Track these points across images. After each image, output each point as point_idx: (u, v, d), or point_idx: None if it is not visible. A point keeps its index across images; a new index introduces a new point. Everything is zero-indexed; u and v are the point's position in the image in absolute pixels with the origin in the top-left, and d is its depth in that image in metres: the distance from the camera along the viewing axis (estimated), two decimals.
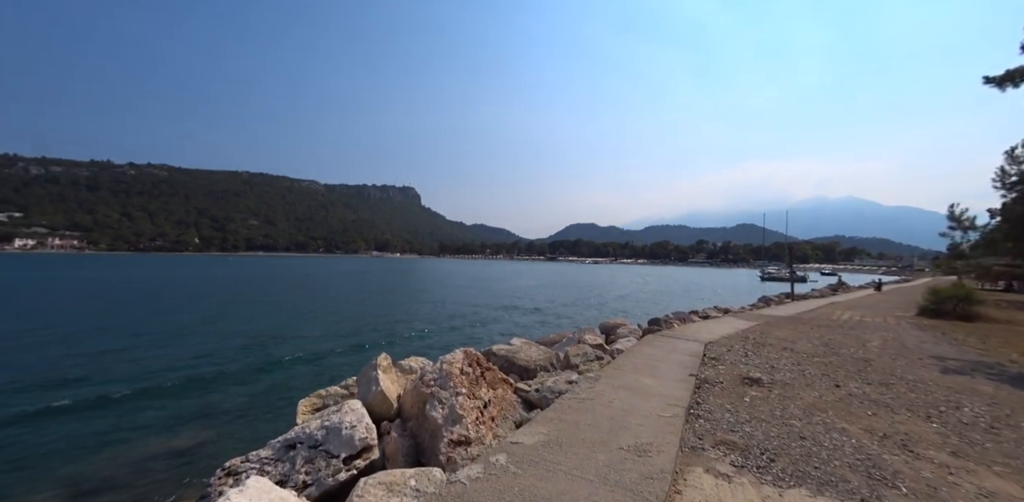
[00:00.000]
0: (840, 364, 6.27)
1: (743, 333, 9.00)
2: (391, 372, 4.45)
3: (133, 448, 5.48)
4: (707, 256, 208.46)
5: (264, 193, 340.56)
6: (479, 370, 4.18)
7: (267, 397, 7.56)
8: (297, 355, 10.47)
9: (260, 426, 6.21)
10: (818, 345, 7.95)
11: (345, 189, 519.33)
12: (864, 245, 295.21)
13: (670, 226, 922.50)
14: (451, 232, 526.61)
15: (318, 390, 4.70)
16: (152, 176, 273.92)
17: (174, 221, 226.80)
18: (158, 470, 4.92)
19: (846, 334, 9.45)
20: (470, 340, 12.93)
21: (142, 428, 6.16)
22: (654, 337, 7.94)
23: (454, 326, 15.43)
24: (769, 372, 5.58)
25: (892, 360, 6.73)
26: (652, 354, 6.37)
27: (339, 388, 4.72)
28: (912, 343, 8.53)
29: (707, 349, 7.06)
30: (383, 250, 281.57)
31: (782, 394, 4.55)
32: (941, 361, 6.78)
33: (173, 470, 4.93)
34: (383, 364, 4.30)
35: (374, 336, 13.35)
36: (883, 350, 7.66)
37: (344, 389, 4.70)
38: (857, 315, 13.86)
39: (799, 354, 7.00)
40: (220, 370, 9.13)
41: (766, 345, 7.72)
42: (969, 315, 13.36)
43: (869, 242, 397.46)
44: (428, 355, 10.45)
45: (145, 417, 6.61)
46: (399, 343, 12.48)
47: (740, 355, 6.71)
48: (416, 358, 5.58)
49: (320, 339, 12.67)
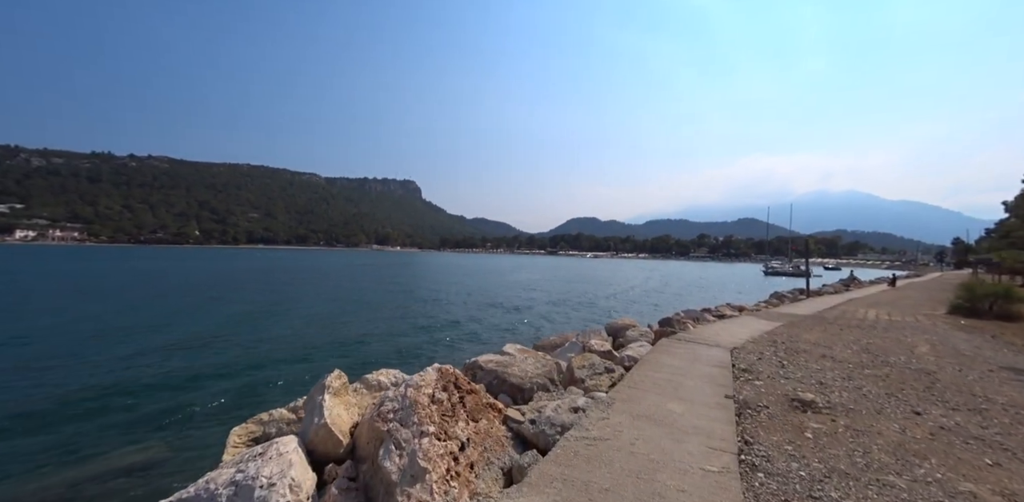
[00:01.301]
0: (900, 378, 5.23)
1: (769, 336, 7.97)
2: (346, 395, 3.43)
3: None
4: (708, 250, 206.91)
5: (265, 186, 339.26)
6: (457, 395, 3.15)
7: (210, 416, 6.41)
8: (268, 360, 9.34)
9: (180, 463, 4.95)
10: (859, 351, 6.92)
11: (346, 182, 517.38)
12: (866, 239, 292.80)
13: (671, 220, 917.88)
14: (452, 226, 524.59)
15: (260, 414, 3.69)
16: (153, 168, 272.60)
17: (175, 213, 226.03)
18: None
19: (884, 337, 8.41)
20: (461, 342, 11.74)
21: (26, 458, 5.02)
22: (670, 342, 6.91)
23: (447, 325, 14.24)
24: (819, 390, 4.55)
25: (959, 373, 5.69)
26: (672, 365, 5.34)
27: (286, 411, 3.70)
28: (966, 349, 7.49)
29: (734, 357, 6.03)
30: (384, 243, 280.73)
31: (851, 426, 3.52)
32: (1018, 375, 5.73)
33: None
34: (334, 385, 3.27)
35: (359, 336, 12.15)
36: (939, 358, 6.62)
37: (292, 412, 3.69)
38: (884, 313, 12.82)
39: (843, 363, 5.97)
40: (166, 377, 8.10)
41: (800, 352, 6.68)
42: (1010, 314, 12.30)
43: (871, 236, 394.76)
44: (410, 364, 8.99)
45: (39, 442, 5.48)
46: (384, 345, 11.27)
47: (775, 365, 5.68)
48: (388, 371, 4.56)
49: (300, 340, 11.50)
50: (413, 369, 8.15)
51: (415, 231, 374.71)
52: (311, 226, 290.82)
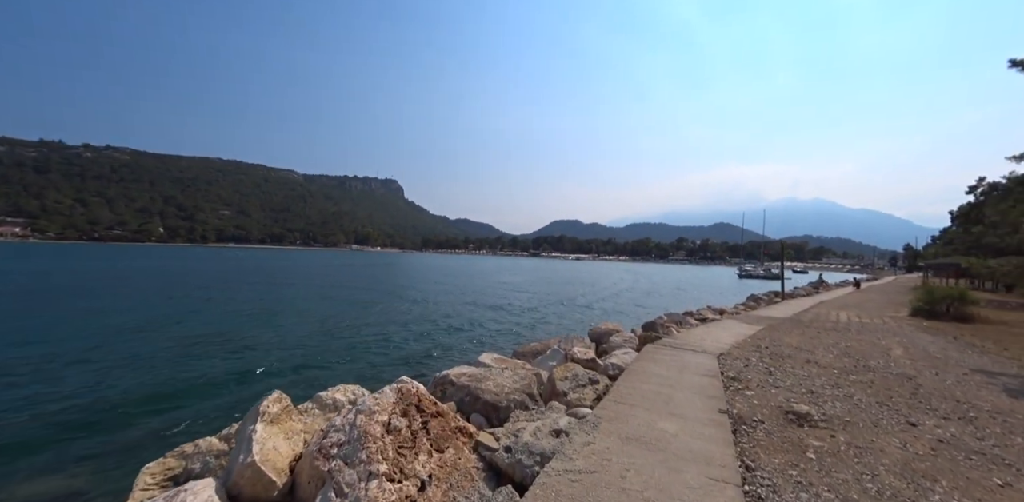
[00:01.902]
0: (885, 385, 5.08)
1: (752, 341, 7.82)
2: (288, 421, 2.92)
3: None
4: (686, 254, 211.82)
5: (238, 181, 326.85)
6: (420, 420, 2.71)
7: (132, 446, 5.18)
8: (219, 372, 8.23)
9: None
10: (840, 355, 6.83)
11: (325, 180, 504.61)
12: (830, 245, 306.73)
13: (651, 224, 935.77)
14: (434, 226, 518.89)
15: (184, 445, 3.13)
16: (112, 160, 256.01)
17: (136, 209, 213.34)
18: None
19: (859, 340, 8.43)
20: (436, 350, 10.84)
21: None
22: (655, 348, 6.63)
23: (423, 331, 13.27)
24: (812, 400, 4.31)
25: (937, 377, 5.61)
26: (659, 374, 5.03)
27: (216, 440, 3.16)
28: (935, 351, 7.54)
29: (722, 364, 5.79)
30: (364, 244, 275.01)
31: (852, 443, 3.26)
32: (991, 377, 5.71)
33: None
34: (271, 411, 2.76)
35: (324, 344, 10.99)
36: (914, 361, 6.58)
37: (224, 441, 3.15)
38: (854, 315, 13.07)
39: (828, 369, 5.82)
40: (91, 398, 6.69)
41: (784, 357, 6.52)
42: (964, 316, 12.77)
43: (834, 242, 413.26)
44: (376, 377, 8.12)
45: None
46: (351, 354, 10.16)
47: (762, 372, 5.46)
48: (346, 387, 4.06)
49: (257, 348, 10.34)
50: (378, 383, 7.38)
51: (396, 231, 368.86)
52: (287, 225, 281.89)
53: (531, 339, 11.46)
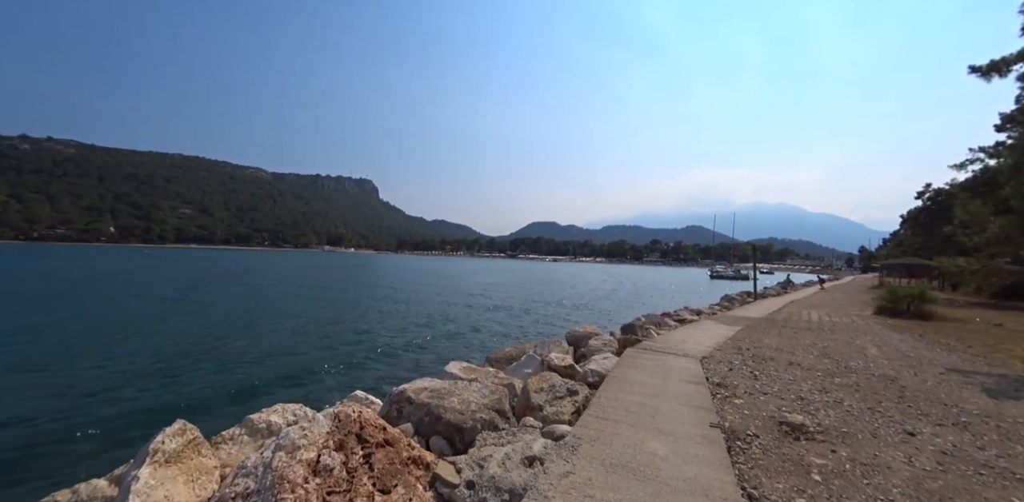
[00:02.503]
0: (871, 387, 4.91)
1: (732, 342, 7.63)
2: (194, 457, 2.32)
3: None
4: (660, 255, 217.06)
5: (200, 179, 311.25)
6: (361, 453, 2.18)
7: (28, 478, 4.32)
8: (141, 390, 7.02)
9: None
10: (820, 356, 6.71)
11: (295, 179, 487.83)
12: (793, 247, 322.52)
13: (626, 226, 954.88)
14: (410, 227, 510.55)
15: (55, 493, 2.46)
16: (54, 153, 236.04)
17: (82, 206, 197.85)
18: None
19: (835, 339, 8.43)
20: (401, 357, 9.88)
21: None
22: (636, 353, 6.29)
23: (390, 336, 12.27)
24: (803, 408, 4.04)
25: (917, 378, 5.51)
26: (642, 382, 4.66)
27: (105, 484, 2.51)
28: (907, 350, 7.58)
29: (706, 369, 5.49)
30: (336, 244, 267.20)
31: (855, 458, 2.95)
32: (966, 376, 5.67)
33: None
34: (166, 449, 2.16)
35: (277, 353, 9.77)
36: (891, 361, 6.53)
37: (113, 484, 2.51)
38: (824, 315, 13.31)
39: (812, 372, 5.63)
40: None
41: (767, 359, 6.33)
42: (924, 313, 13.23)
43: (797, 244, 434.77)
44: (327, 392, 7.14)
45: None
46: (305, 364, 8.98)
47: (748, 377, 5.20)
48: (286, 407, 3.47)
49: (196, 359, 9.01)
50: (330, 397, 6.61)
51: (371, 232, 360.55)
52: (255, 225, 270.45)
53: (506, 343, 10.96)
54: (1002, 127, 27.69)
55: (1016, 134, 5.84)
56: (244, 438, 3.28)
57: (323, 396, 6.79)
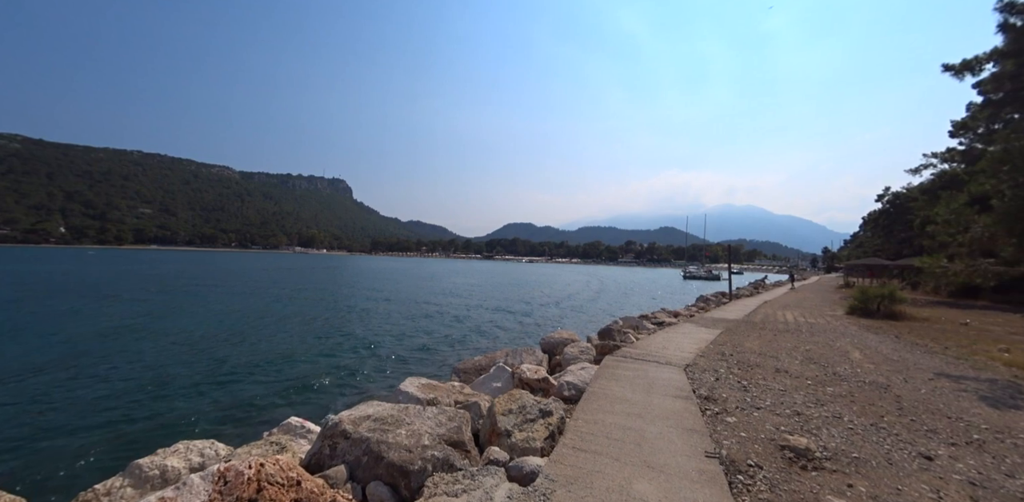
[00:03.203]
0: (866, 398, 4.56)
1: (715, 347, 7.27)
2: None
3: None
4: (635, 256, 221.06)
5: (162, 177, 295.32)
6: None
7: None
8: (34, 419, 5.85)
9: None
10: (805, 361, 6.41)
11: (265, 178, 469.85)
12: (761, 248, 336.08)
13: (601, 227, 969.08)
14: (385, 228, 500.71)
15: None
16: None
17: (29, 205, 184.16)
18: None
19: (815, 342, 8.23)
20: (354, 371, 8.73)
21: None
22: (615, 361, 5.79)
23: (351, 347, 10.99)
24: (803, 426, 3.60)
25: (908, 385, 5.25)
26: (624, 398, 4.13)
27: None
28: (889, 352, 7.42)
29: (691, 379, 5.04)
30: (308, 246, 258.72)
31: (876, 495, 2.50)
32: (957, 382, 5.45)
33: None
34: None
35: (213, 367, 8.59)
36: (876, 366, 6.30)
37: None
38: (799, 315, 13.32)
39: (801, 380, 5.27)
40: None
41: (753, 366, 5.96)
42: (893, 313, 13.43)
43: (764, 245, 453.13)
44: (253, 420, 5.96)
45: None
46: (246, 379, 7.87)
47: (737, 388, 4.77)
48: (193, 444, 2.75)
49: (108, 379, 7.67)
50: (263, 423, 5.69)
51: (344, 233, 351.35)
52: (221, 225, 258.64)
53: (477, 350, 10.31)
54: (955, 133, 29.29)
55: (1005, 137, 5.71)
56: (126, 491, 2.54)
57: (257, 421, 5.84)
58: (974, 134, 28.05)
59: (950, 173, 25.17)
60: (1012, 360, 6.72)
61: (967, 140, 29.29)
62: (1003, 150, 5.99)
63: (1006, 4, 11.51)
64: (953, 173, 24.01)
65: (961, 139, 29.43)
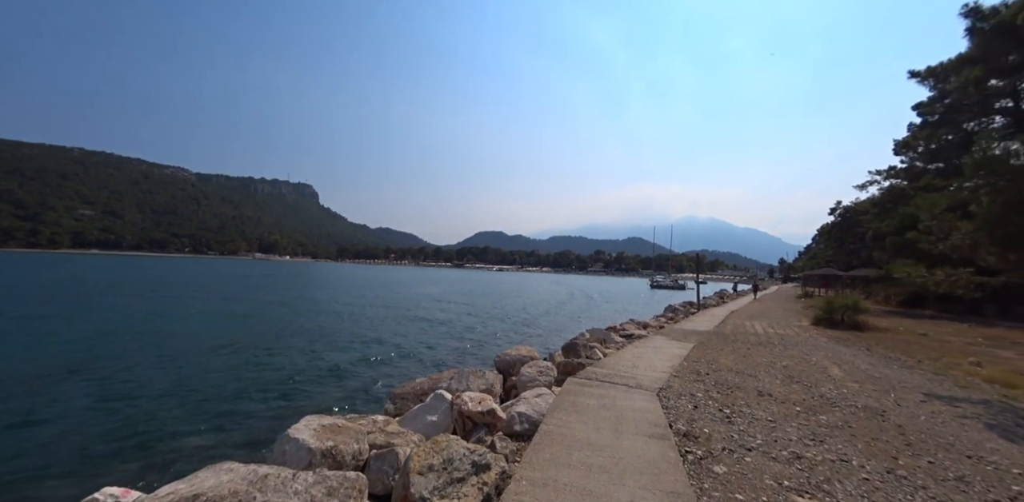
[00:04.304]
0: (867, 431, 3.87)
1: (689, 364, 6.54)
2: None
3: None
4: (604, 265, 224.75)
5: (107, 177, 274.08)
6: None
7: None
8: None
9: None
10: (786, 380, 5.78)
11: (224, 181, 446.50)
12: (723, 258, 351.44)
13: (572, 237, 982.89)
14: (353, 235, 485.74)
15: None
16: None
17: None
18: None
19: (791, 357, 7.71)
20: (265, 402, 6.96)
21: None
22: (579, 385, 4.90)
23: (277, 368, 9.13)
24: (808, 476, 2.81)
25: (903, 409, 4.65)
26: (586, 442, 3.21)
27: None
28: (866, 368, 6.96)
29: (666, 408, 4.21)
30: (269, 252, 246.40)
31: None
32: (952, 405, 4.90)
33: None
34: None
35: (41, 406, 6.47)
36: (860, 384, 5.74)
37: None
38: (767, 326, 13.05)
39: (788, 405, 4.57)
40: None
41: (733, 388, 5.23)
42: (857, 324, 13.45)
43: (726, 256, 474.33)
44: (67, 487, 4.16)
45: None
46: (115, 415, 6.14)
47: (720, 419, 3.97)
48: None
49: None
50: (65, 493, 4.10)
51: (309, 239, 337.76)
52: (173, 229, 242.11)
53: (426, 367, 9.06)
54: (898, 151, 31.22)
55: (985, 145, 5.51)
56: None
57: (66, 486, 4.19)
58: (915, 152, 30.03)
59: (897, 188, 26.57)
60: (991, 376, 6.38)
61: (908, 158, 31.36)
62: (982, 152, 5.74)
63: (971, 9, 12.08)
64: (900, 188, 25.34)
65: (903, 157, 31.46)
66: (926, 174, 27.52)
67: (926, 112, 27.93)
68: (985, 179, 5.79)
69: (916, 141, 28.94)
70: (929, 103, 27.47)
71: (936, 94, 27.24)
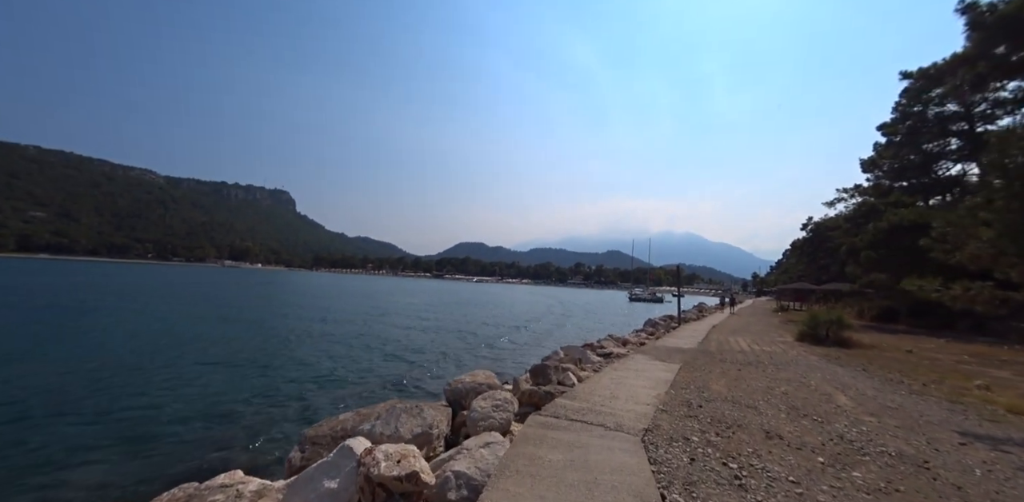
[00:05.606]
0: (918, 496, 2.89)
1: (677, 393, 5.51)
2: None
3: None
4: (583, 278, 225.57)
5: (63, 177, 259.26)
6: None
7: None
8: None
9: None
10: (793, 415, 4.81)
11: (195, 185, 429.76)
12: (699, 272, 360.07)
13: (553, 249, 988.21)
14: (331, 243, 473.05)
15: None
16: None
17: None
18: None
19: (787, 380, 6.81)
20: (165, 441, 5.63)
21: None
22: (542, 428, 3.76)
23: (215, 395, 7.71)
24: None
25: (943, 456, 3.71)
26: None
27: None
28: (873, 394, 6.10)
29: (654, 462, 3.12)
30: (240, 259, 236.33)
31: None
32: (1002, 451, 3.97)
33: None
34: None
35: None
36: (878, 419, 4.83)
37: None
38: (752, 342, 12.31)
39: (806, 452, 3.57)
40: None
41: (733, 426, 4.21)
42: (842, 340, 12.91)
43: (701, 270, 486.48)
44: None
45: None
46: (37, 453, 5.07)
47: (724, 479, 2.91)
48: None
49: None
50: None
51: (283, 247, 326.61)
52: (136, 234, 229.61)
53: (358, 400, 7.42)
54: (865, 169, 32.11)
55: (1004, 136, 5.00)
56: None
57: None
58: (881, 170, 30.95)
59: (869, 203, 27.04)
60: (1011, 405, 5.62)
61: (875, 176, 32.32)
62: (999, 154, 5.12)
63: (968, 5, 12.10)
64: (871, 204, 25.76)
65: (869, 175, 32.40)
66: (893, 191, 28.29)
67: (890, 133, 28.87)
68: (1003, 181, 5.16)
69: (882, 160, 29.81)
70: (892, 124, 28.43)
71: (898, 116, 28.26)
